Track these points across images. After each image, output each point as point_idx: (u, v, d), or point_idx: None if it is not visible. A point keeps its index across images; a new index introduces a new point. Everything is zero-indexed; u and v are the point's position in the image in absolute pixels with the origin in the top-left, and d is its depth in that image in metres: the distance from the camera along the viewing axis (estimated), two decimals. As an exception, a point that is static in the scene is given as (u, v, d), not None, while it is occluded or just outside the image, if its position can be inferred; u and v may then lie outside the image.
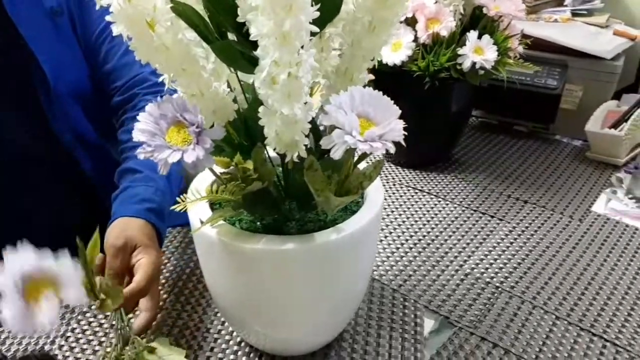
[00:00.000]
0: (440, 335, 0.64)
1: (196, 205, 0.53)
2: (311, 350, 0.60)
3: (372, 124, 0.39)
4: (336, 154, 0.39)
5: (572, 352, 0.62)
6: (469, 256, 0.78)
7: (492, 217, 0.88)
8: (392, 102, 0.40)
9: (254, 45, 0.40)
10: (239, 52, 0.41)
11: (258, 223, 0.52)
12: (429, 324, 0.66)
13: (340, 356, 0.60)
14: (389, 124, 0.38)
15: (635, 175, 0.99)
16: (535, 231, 0.84)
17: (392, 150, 0.38)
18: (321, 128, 0.47)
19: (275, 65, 0.38)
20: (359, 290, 0.57)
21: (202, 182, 0.56)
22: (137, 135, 0.38)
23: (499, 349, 0.62)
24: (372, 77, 0.47)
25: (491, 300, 0.70)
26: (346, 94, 0.39)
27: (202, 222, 0.47)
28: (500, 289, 0.72)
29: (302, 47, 0.37)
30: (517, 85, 1.02)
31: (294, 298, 0.51)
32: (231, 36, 0.43)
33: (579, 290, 0.72)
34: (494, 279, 0.73)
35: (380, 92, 0.40)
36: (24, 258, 0.38)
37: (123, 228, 0.63)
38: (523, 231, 0.84)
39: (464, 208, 0.90)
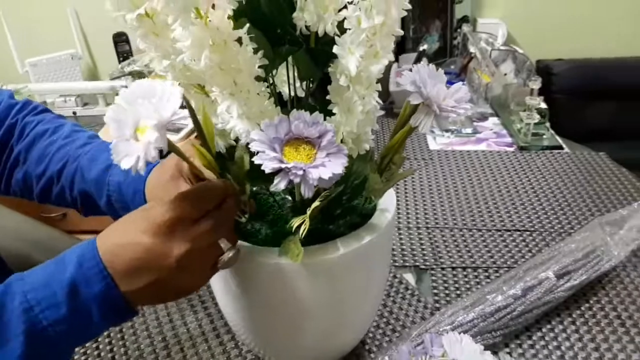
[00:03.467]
0: (424, 282, 0.72)
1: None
2: (349, 351, 0.60)
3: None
4: (425, 128, 0.42)
5: (510, 250, 0.78)
6: (387, 215, 0.87)
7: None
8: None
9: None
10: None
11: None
12: (409, 278, 0.73)
13: (376, 345, 0.63)
14: (456, 89, 0.43)
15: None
16: (411, 178, 0.99)
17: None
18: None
19: (362, 58, 0.38)
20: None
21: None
22: (268, 166, 0.33)
23: (468, 270, 0.74)
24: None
25: (432, 237, 0.81)
26: (411, 73, 0.42)
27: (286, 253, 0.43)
28: (429, 228, 0.83)
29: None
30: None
31: (363, 292, 0.52)
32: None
33: (474, 205, 0.89)
34: (419, 221, 0.85)
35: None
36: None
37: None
38: (402, 181, 0.98)
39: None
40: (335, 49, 0.39)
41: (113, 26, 1.44)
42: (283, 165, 0.34)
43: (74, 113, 1.42)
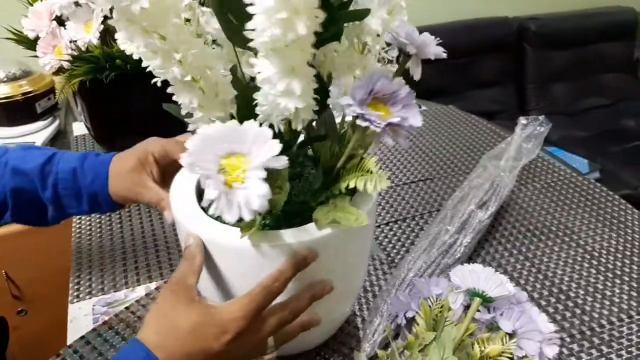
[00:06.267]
0: (367, 241, 0.77)
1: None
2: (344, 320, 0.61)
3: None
4: (417, 75, 0.46)
5: (423, 198, 0.86)
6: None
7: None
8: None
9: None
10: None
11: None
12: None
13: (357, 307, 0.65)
14: (429, 38, 0.47)
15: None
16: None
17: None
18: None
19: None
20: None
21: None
22: (380, 126, 0.34)
23: (399, 222, 0.80)
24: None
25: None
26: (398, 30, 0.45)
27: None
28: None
29: None
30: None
31: (365, 254, 0.54)
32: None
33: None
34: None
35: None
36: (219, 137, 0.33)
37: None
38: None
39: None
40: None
41: None
42: (395, 120, 0.34)
43: None
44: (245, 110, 0.42)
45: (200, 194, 0.50)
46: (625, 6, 2.12)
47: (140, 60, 0.73)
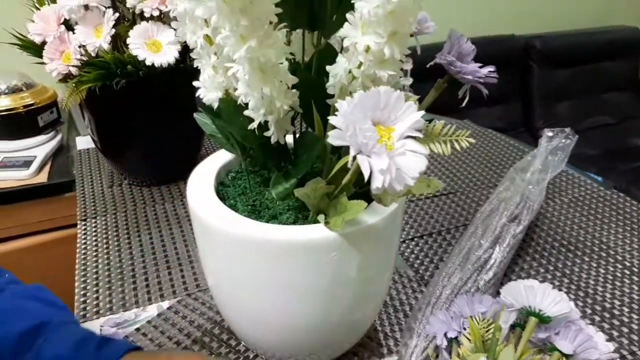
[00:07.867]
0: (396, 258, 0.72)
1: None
2: (364, 331, 0.57)
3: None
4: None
5: (447, 212, 0.82)
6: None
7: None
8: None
9: None
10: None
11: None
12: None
13: (383, 326, 0.60)
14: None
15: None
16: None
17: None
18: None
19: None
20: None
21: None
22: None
23: (424, 237, 0.76)
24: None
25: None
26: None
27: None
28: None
29: None
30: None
31: (392, 254, 0.50)
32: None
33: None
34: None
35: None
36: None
37: None
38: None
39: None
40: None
41: None
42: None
43: None
44: (308, 99, 0.42)
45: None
46: (630, 25, 2.12)
47: (152, 67, 0.70)
